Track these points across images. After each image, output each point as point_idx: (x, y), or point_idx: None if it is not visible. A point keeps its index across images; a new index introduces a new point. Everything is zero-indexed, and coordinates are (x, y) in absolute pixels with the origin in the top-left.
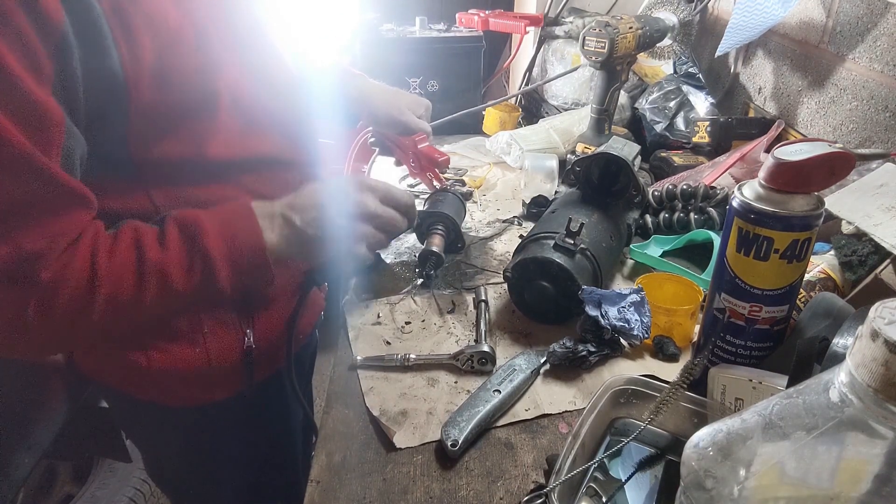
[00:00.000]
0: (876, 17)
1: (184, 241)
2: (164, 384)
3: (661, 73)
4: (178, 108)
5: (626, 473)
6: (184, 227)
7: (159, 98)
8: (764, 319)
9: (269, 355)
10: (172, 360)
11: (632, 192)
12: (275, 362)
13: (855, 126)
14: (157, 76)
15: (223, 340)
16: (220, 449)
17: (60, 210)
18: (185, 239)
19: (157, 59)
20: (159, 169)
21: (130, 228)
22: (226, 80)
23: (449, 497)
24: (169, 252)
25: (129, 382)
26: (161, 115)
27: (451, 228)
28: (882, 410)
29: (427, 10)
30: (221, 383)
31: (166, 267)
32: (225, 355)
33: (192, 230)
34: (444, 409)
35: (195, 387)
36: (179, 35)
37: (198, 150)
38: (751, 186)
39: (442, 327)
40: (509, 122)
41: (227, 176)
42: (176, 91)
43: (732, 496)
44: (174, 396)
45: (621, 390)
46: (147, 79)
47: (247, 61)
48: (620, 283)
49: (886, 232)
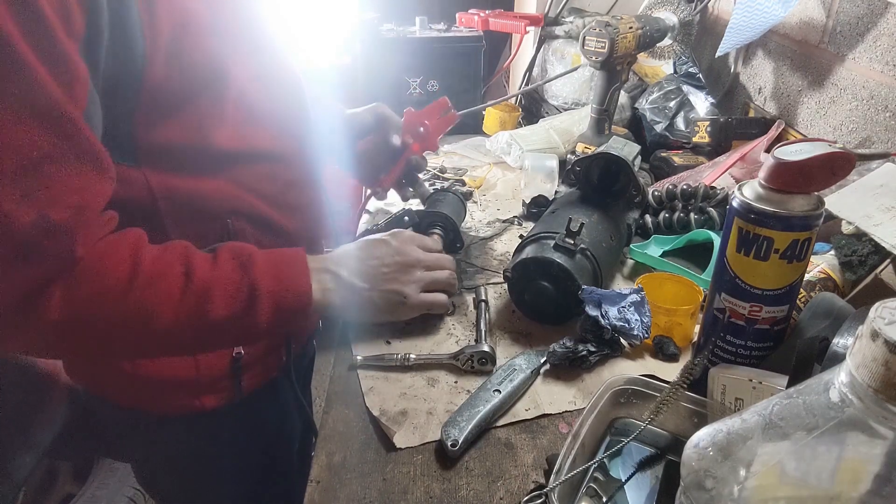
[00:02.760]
0: (876, 17)
1: (235, 268)
2: (151, 391)
3: (661, 73)
4: (187, 90)
5: (626, 473)
6: (237, 255)
7: (171, 76)
8: (764, 319)
9: (260, 365)
10: (158, 366)
11: (632, 192)
12: (266, 372)
13: (855, 126)
14: (172, 53)
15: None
16: (212, 460)
17: (84, 175)
18: (237, 265)
19: (173, 34)
20: (161, 154)
21: (181, 244)
22: (235, 72)
23: (449, 497)
24: (219, 273)
25: (116, 389)
26: (170, 95)
27: (451, 228)
28: (882, 410)
29: (427, 10)
30: (209, 392)
31: (213, 287)
32: (213, 363)
33: (246, 259)
34: (444, 409)
35: (183, 395)
36: (195, 16)
37: (202, 137)
38: (751, 186)
39: (442, 327)
40: (509, 122)
41: (227, 168)
42: (187, 72)
43: (732, 496)
44: (161, 404)
45: (621, 390)
46: (162, 54)
47: (254, 59)
48: (620, 283)
49: (886, 232)
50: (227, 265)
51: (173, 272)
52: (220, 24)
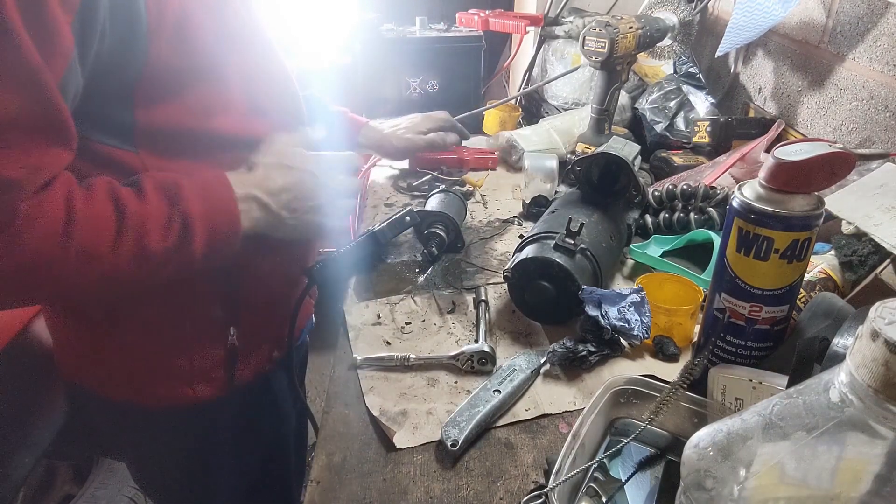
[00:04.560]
0: (876, 17)
1: (163, 198)
2: (144, 381)
3: (661, 73)
4: (191, 73)
5: (626, 473)
6: (163, 186)
7: (175, 57)
8: (764, 319)
9: (254, 355)
10: (153, 355)
11: (632, 192)
12: (260, 364)
13: (855, 126)
14: (178, 33)
15: (206, 337)
16: (206, 456)
17: (47, 139)
18: (164, 196)
19: (180, 14)
20: (159, 137)
21: (104, 181)
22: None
23: (449, 497)
24: (148, 206)
25: (108, 381)
26: (173, 76)
27: (451, 228)
28: (882, 410)
29: (427, 10)
30: (203, 381)
31: (146, 221)
32: (207, 352)
33: (173, 189)
34: (444, 409)
35: (177, 384)
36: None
37: (203, 122)
38: (751, 186)
39: (442, 327)
40: (509, 122)
41: (225, 155)
42: (192, 54)
43: (732, 496)
44: (154, 395)
45: (621, 390)
46: (168, 33)
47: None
48: (620, 283)
49: (886, 232)
50: (154, 197)
51: (105, 212)
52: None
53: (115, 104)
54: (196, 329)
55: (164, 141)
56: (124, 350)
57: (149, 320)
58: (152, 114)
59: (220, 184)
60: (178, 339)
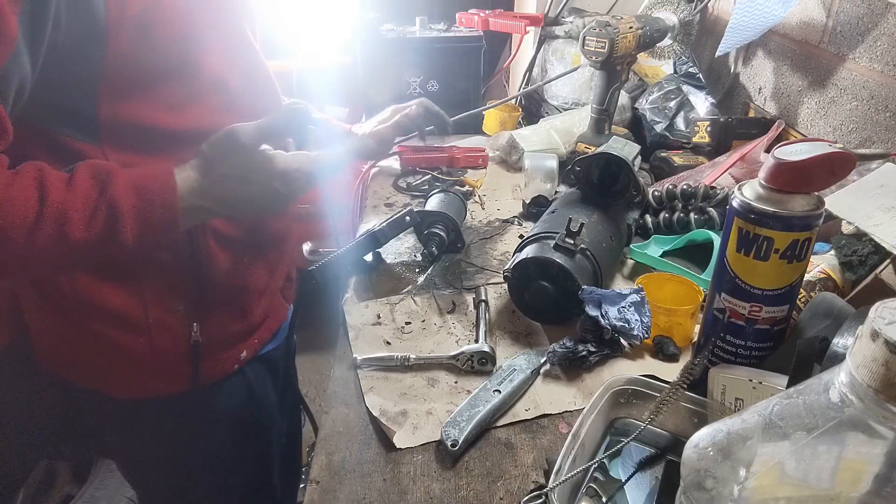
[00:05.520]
0: (876, 17)
1: (92, 188)
2: (109, 372)
3: (661, 73)
4: (157, 70)
5: (626, 473)
6: (96, 174)
7: (139, 53)
8: (764, 319)
9: (220, 354)
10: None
11: (632, 192)
12: (227, 362)
13: (855, 126)
14: (140, 29)
15: (168, 331)
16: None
17: None
18: (94, 185)
19: (142, 11)
20: (125, 133)
21: (34, 167)
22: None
23: (449, 497)
24: (75, 194)
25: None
26: (139, 72)
27: (451, 228)
28: (882, 410)
29: (427, 10)
30: (167, 376)
31: (67, 211)
32: (168, 346)
33: (104, 178)
34: (444, 409)
35: (143, 376)
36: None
37: (173, 119)
38: (751, 186)
39: (442, 327)
40: (509, 122)
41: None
42: (157, 51)
43: (732, 496)
44: (120, 387)
45: (621, 390)
46: (129, 29)
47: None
48: (620, 283)
49: (886, 232)
50: (83, 186)
51: (26, 197)
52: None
53: (79, 97)
54: (159, 323)
55: (128, 135)
56: (97, 339)
57: (114, 311)
58: (118, 108)
59: (162, 177)
60: (141, 330)
